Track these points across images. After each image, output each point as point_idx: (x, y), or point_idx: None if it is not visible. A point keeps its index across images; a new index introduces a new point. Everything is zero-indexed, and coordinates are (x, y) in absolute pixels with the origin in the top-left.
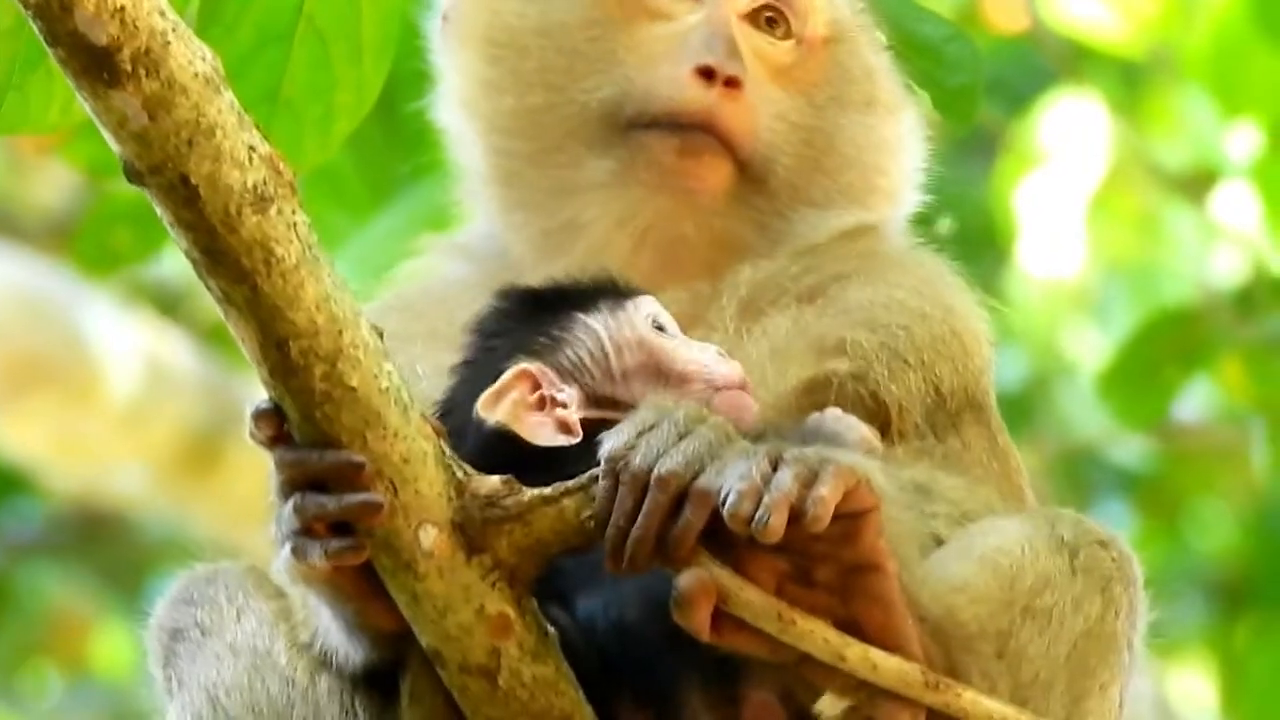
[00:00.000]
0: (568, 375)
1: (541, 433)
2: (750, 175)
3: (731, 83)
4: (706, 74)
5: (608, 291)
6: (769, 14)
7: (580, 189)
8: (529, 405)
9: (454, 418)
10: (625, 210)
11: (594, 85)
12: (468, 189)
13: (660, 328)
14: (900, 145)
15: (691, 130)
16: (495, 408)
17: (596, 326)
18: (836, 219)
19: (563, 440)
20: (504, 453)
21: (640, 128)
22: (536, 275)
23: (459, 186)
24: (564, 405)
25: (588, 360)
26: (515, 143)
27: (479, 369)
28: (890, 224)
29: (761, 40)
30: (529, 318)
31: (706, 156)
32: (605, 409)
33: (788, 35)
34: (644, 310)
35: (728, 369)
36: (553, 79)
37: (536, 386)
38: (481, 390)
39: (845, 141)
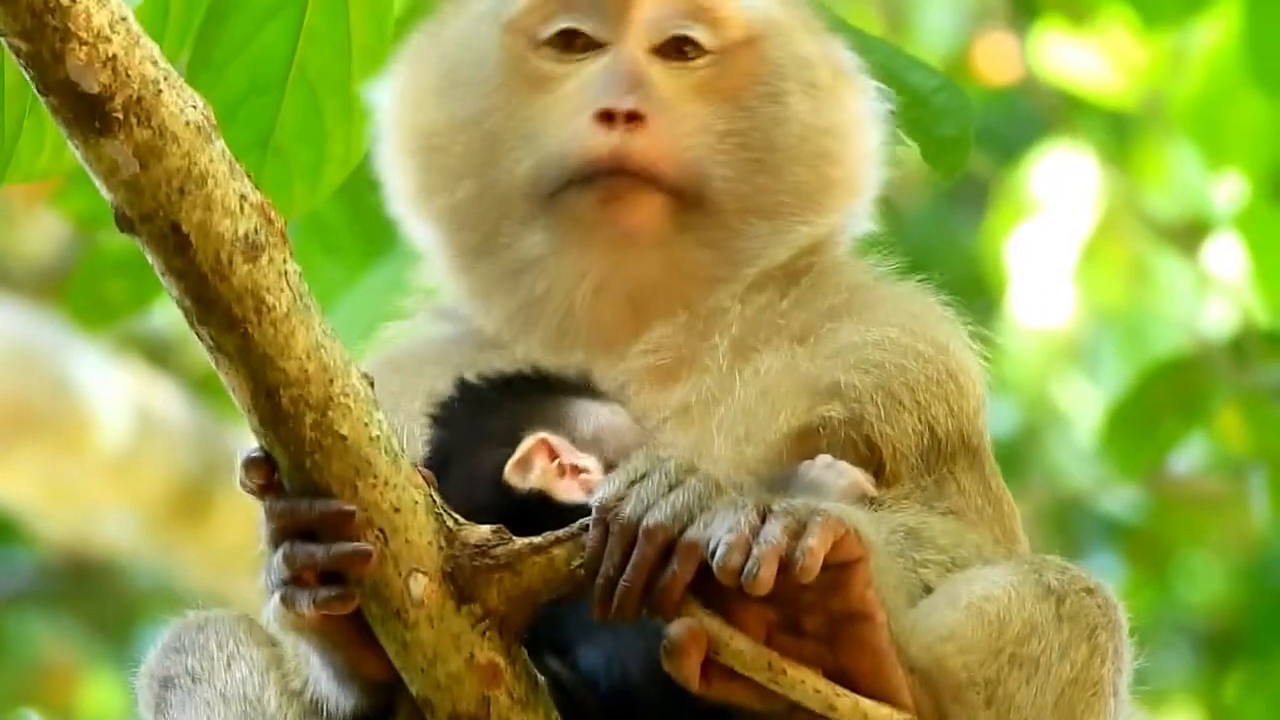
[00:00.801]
0: (584, 446)
1: (574, 494)
2: (688, 199)
3: (633, 117)
4: (606, 117)
5: (581, 384)
6: (679, 41)
7: (527, 266)
8: (554, 472)
9: (451, 481)
10: (572, 274)
11: (513, 162)
12: (434, 275)
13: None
14: (851, 128)
15: (605, 176)
16: (526, 475)
17: (599, 407)
18: (795, 228)
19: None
20: (535, 517)
21: (560, 190)
22: (518, 348)
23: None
24: (586, 470)
25: (601, 435)
26: (459, 236)
27: (480, 438)
28: (853, 220)
29: (676, 68)
30: (525, 394)
31: (628, 197)
32: None
33: (704, 53)
34: (618, 407)
35: None
36: (477, 168)
37: (554, 455)
38: (488, 459)
39: (784, 134)
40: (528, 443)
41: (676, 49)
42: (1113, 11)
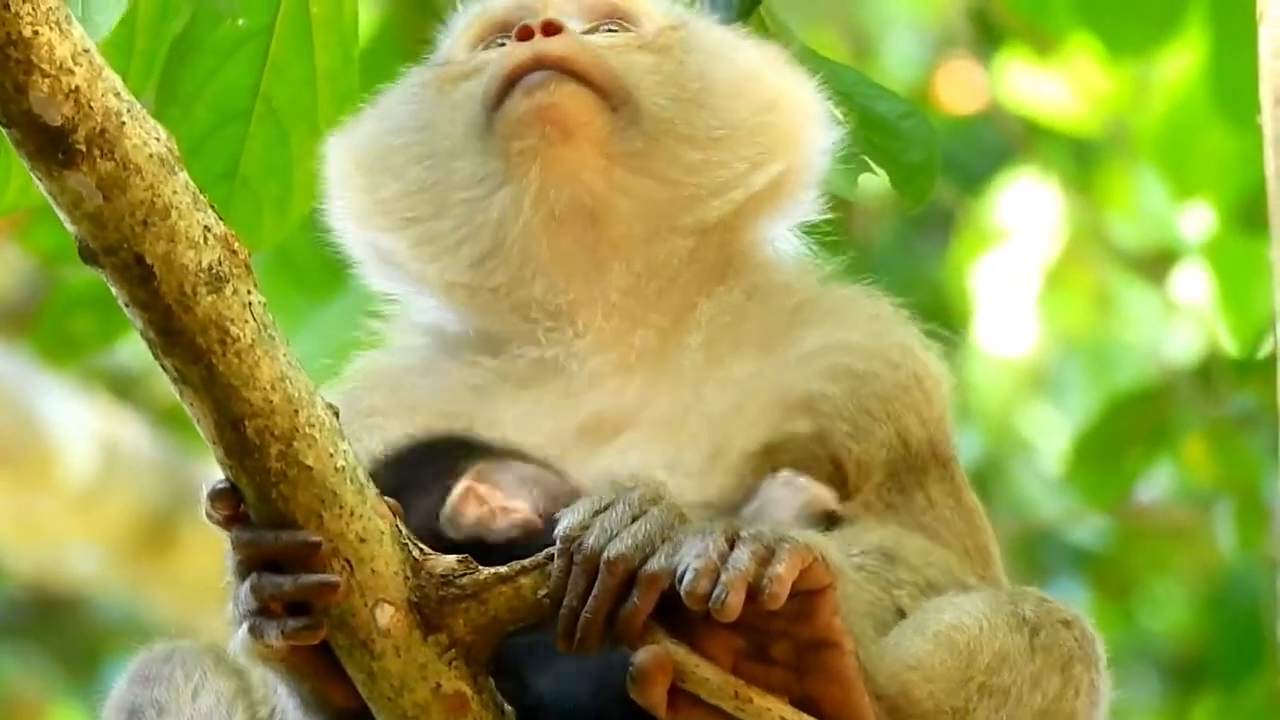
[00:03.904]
0: (512, 492)
1: (508, 533)
2: (616, 103)
3: (550, 29)
4: (525, 34)
5: (516, 452)
6: (607, 28)
7: (478, 199)
8: (486, 516)
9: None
10: (518, 182)
11: (454, 122)
12: (397, 291)
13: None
14: (786, 87)
15: (529, 73)
16: (460, 521)
17: (525, 465)
18: (731, 164)
19: (524, 534)
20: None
21: (495, 108)
22: (487, 313)
23: (379, 304)
24: (516, 510)
25: (527, 482)
26: (413, 214)
27: (414, 491)
28: (793, 195)
29: (600, 35)
30: (450, 453)
31: (553, 84)
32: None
33: (627, 30)
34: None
35: None
36: (423, 151)
37: (483, 501)
38: (420, 511)
39: (713, 74)
40: (458, 489)
41: (606, 33)
42: (1078, 40)
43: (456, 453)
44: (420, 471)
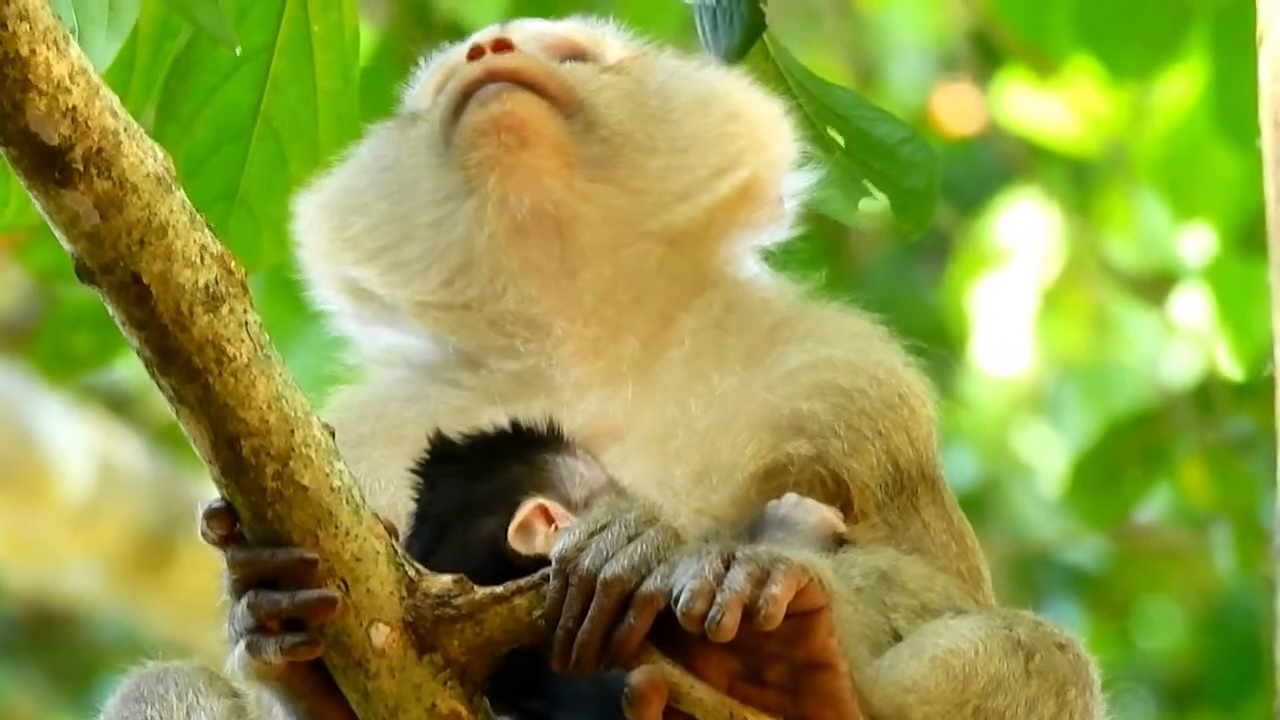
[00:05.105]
0: (573, 507)
1: None
2: (571, 113)
3: (501, 45)
4: (475, 53)
5: (561, 439)
6: (569, 62)
7: (443, 217)
8: (553, 536)
9: (447, 549)
10: (480, 193)
11: (419, 146)
12: (371, 330)
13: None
14: (751, 101)
15: (482, 87)
16: (529, 541)
17: (578, 463)
18: (694, 169)
19: None
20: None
21: (451, 127)
22: (463, 330)
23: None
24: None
25: (590, 494)
26: (381, 245)
27: (472, 506)
28: (774, 172)
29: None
30: (508, 455)
31: (505, 95)
32: None
33: (587, 62)
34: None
35: None
36: (389, 189)
37: (550, 519)
38: (484, 527)
39: (673, 90)
40: (525, 509)
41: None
42: (1078, 62)
43: (517, 461)
44: (480, 481)
